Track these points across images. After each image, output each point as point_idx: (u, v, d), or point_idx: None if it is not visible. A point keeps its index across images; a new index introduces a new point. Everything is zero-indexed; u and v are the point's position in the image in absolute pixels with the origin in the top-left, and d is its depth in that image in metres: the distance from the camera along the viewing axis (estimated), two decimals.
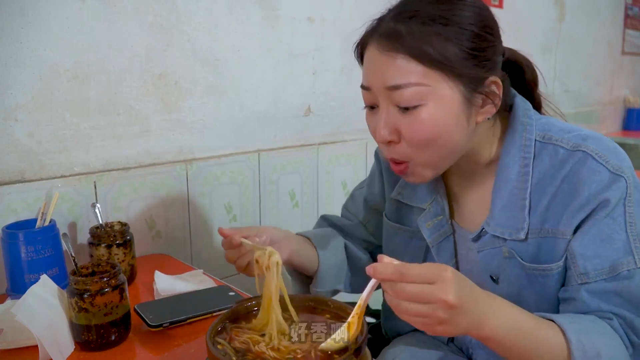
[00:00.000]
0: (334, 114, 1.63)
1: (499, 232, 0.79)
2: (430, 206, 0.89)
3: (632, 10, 3.62)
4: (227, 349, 0.64)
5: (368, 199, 1.04)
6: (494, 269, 0.82)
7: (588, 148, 0.74)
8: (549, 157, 0.77)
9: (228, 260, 0.87)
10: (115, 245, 1.03)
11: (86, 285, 0.77)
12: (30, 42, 1.04)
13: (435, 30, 0.70)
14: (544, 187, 0.77)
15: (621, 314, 0.71)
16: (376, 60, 0.73)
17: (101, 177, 1.16)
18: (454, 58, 0.70)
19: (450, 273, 0.59)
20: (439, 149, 0.74)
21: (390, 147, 0.76)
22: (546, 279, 0.77)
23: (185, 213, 1.33)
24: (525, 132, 0.79)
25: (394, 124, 0.73)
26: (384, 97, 0.73)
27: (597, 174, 0.72)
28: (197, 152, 1.34)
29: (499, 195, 0.80)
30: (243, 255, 0.85)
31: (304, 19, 1.52)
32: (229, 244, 0.85)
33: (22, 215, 1.05)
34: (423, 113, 0.71)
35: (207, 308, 0.90)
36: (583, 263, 0.72)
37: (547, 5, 2.71)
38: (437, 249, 0.88)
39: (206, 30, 1.31)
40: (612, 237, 0.72)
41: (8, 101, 1.03)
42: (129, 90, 1.19)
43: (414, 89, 0.70)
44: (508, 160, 0.79)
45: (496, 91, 0.74)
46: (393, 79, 0.71)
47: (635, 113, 3.76)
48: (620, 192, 0.71)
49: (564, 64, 2.91)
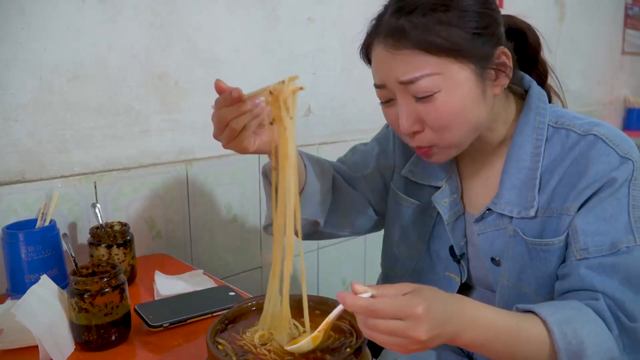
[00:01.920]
0: (334, 114, 1.63)
1: (507, 210, 0.81)
2: (445, 184, 0.90)
3: (632, 10, 3.62)
4: (227, 349, 0.64)
5: (380, 156, 1.02)
6: (496, 250, 0.84)
7: (599, 133, 0.76)
8: (561, 141, 0.79)
9: (219, 122, 0.72)
10: (116, 245, 1.03)
11: (86, 285, 0.77)
12: (30, 42, 1.04)
13: (437, 19, 0.71)
14: (553, 169, 0.79)
15: (612, 294, 0.71)
16: (386, 59, 0.74)
17: (101, 177, 1.16)
18: (461, 41, 0.71)
19: (421, 309, 0.56)
20: (461, 129, 0.75)
21: (416, 137, 0.78)
22: (547, 253, 0.78)
23: (185, 213, 1.33)
24: (539, 116, 0.82)
25: (415, 114, 0.75)
26: (400, 91, 0.75)
27: (606, 156, 0.74)
28: (197, 152, 1.34)
29: (510, 175, 0.81)
30: (242, 114, 0.70)
31: (304, 19, 1.52)
32: (226, 99, 0.69)
33: (22, 215, 1.05)
34: (440, 99, 0.72)
35: (207, 308, 0.90)
36: (584, 239, 0.74)
37: (547, 5, 2.72)
38: (452, 227, 0.89)
39: (206, 30, 1.31)
40: (615, 216, 0.73)
41: (8, 101, 1.03)
42: (129, 90, 1.19)
43: (427, 80, 0.72)
44: (522, 140, 0.81)
45: (506, 61, 0.76)
46: (405, 74, 0.72)
47: (635, 113, 3.76)
48: (627, 174, 0.73)
49: (564, 64, 2.91)
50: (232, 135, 0.72)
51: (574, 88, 3.07)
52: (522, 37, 0.87)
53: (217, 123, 0.72)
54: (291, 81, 0.62)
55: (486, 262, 0.86)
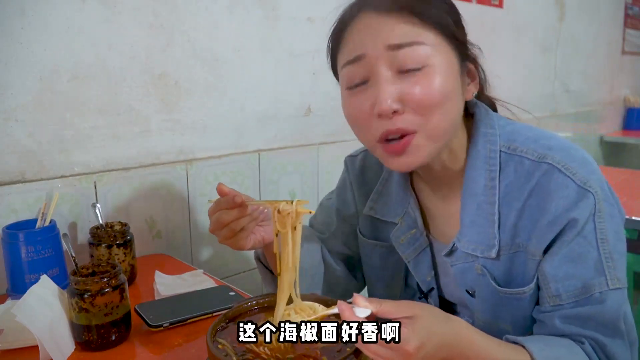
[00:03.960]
0: (334, 114, 1.63)
1: (471, 249, 0.77)
2: (402, 220, 0.86)
3: (632, 9, 3.62)
4: (227, 349, 0.64)
5: (340, 209, 0.99)
6: (469, 283, 0.80)
7: (554, 159, 0.71)
8: (515, 169, 0.74)
9: (218, 222, 0.75)
10: (116, 245, 1.03)
11: (86, 285, 0.77)
12: (30, 43, 1.04)
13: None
14: (511, 201, 0.74)
15: (594, 337, 0.69)
16: (375, 23, 0.69)
17: (101, 177, 1.16)
18: (450, 24, 0.70)
19: (412, 348, 0.56)
20: (445, 115, 0.69)
21: (395, 118, 0.68)
22: (520, 301, 0.75)
23: (186, 213, 1.33)
24: (489, 144, 0.76)
25: (396, 92, 0.68)
26: (383, 62, 0.68)
27: (564, 188, 0.69)
28: (197, 152, 1.34)
29: (467, 211, 0.77)
30: (242, 217, 0.74)
31: (304, 19, 1.52)
32: (228, 203, 0.73)
33: (22, 215, 1.05)
34: (429, 75, 0.67)
35: (207, 308, 0.90)
36: (555, 285, 0.70)
37: (547, 5, 2.72)
38: (414, 264, 0.86)
39: (206, 30, 1.31)
40: (583, 255, 0.69)
41: (8, 101, 1.03)
42: (129, 90, 1.19)
43: (420, 48, 0.67)
44: (474, 174, 0.77)
45: (474, 70, 0.75)
46: (398, 37, 0.67)
47: (635, 113, 3.77)
48: (589, 209, 0.69)
49: (564, 63, 2.91)
50: (230, 235, 0.76)
51: (574, 88, 3.07)
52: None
53: (217, 222, 0.75)
54: (300, 204, 0.65)
55: (462, 292, 0.82)
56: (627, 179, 2.20)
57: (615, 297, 0.69)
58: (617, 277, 0.70)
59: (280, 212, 0.66)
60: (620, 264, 0.70)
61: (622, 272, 0.71)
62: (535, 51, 2.71)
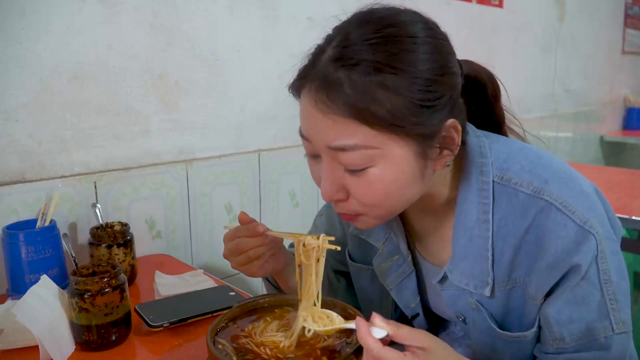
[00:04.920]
0: None
1: (463, 284, 0.74)
2: (383, 246, 0.83)
3: (632, 9, 3.62)
4: (227, 349, 0.64)
5: (328, 232, 0.94)
6: (461, 310, 0.77)
7: (551, 196, 0.67)
8: (509, 201, 0.70)
9: (237, 248, 0.76)
10: (116, 245, 1.03)
11: (87, 285, 0.77)
12: (30, 43, 1.04)
13: (381, 82, 0.59)
14: (506, 235, 0.70)
15: None
16: (314, 115, 0.63)
17: (101, 178, 1.16)
18: (405, 114, 0.60)
19: None
20: (390, 206, 0.67)
21: (339, 204, 0.68)
22: (520, 343, 0.73)
23: (186, 213, 1.33)
24: (481, 175, 0.71)
25: (340, 182, 0.65)
26: (327, 155, 0.64)
27: (563, 229, 0.66)
28: (197, 152, 1.34)
29: (459, 244, 0.73)
30: (261, 245, 0.76)
31: (304, 19, 1.52)
32: (250, 231, 0.75)
33: (22, 215, 1.05)
34: (372, 175, 0.63)
35: (207, 308, 0.90)
36: (558, 329, 0.68)
37: (547, 5, 2.72)
38: (396, 291, 0.83)
39: (206, 30, 1.31)
40: (587, 298, 0.67)
41: (8, 101, 1.03)
42: (129, 90, 1.19)
43: (361, 153, 0.61)
44: (466, 207, 0.72)
45: (455, 137, 0.65)
46: (336, 139, 0.62)
47: (635, 112, 3.77)
48: (592, 253, 0.65)
49: (564, 63, 2.91)
50: (245, 262, 0.78)
51: (574, 88, 3.07)
52: (481, 88, 0.76)
53: (235, 249, 0.77)
54: (325, 240, 0.67)
55: (453, 316, 0.80)
56: (627, 179, 2.20)
57: (620, 341, 0.68)
58: (622, 320, 0.68)
59: (305, 246, 0.68)
60: (624, 305, 0.68)
61: (627, 314, 0.69)
62: (535, 51, 2.71)
